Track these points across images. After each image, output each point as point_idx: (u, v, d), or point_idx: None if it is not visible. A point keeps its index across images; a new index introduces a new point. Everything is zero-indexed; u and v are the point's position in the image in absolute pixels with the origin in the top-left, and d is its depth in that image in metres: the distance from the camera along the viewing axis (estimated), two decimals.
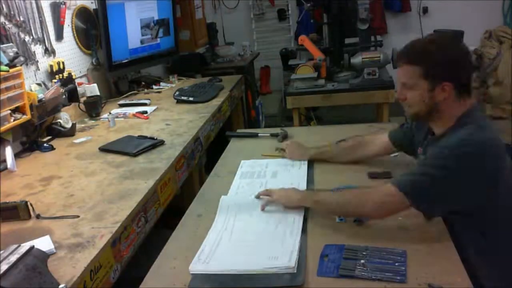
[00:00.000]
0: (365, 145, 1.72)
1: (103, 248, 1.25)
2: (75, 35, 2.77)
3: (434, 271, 1.07)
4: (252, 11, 5.68)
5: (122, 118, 2.59)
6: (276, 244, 1.25)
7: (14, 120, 1.97)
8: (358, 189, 1.37)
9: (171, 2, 3.52)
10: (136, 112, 2.63)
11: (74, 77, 2.55)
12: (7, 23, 2.18)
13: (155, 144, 2.03)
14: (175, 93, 2.89)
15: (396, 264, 1.11)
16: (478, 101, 1.37)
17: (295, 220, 1.35)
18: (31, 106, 2.07)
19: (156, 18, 3.34)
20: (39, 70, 2.38)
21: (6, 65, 1.96)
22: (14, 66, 2.01)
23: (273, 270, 1.13)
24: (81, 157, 2.01)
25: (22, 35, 2.27)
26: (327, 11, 3.20)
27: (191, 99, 2.80)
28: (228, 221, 1.39)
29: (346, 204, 1.31)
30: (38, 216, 1.45)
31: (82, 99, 2.65)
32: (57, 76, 2.44)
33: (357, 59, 2.79)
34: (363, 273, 1.08)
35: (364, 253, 1.16)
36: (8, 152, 1.93)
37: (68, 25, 2.71)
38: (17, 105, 2.00)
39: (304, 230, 1.30)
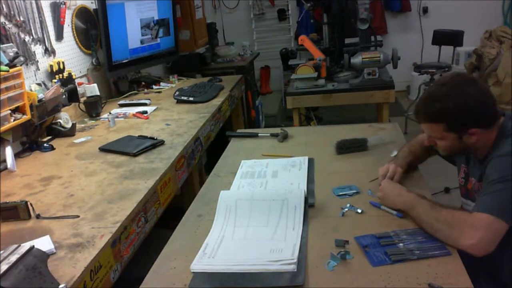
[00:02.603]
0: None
1: (103, 248, 1.25)
2: (75, 35, 2.77)
3: (434, 271, 1.07)
4: (252, 11, 5.68)
5: (122, 118, 2.59)
6: (278, 237, 1.26)
7: (14, 120, 1.97)
8: (452, 213, 1.22)
9: (171, 2, 3.52)
10: (136, 112, 2.63)
11: (74, 77, 2.55)
12: (7, 23, 2.18)
13: (155, 144, 2.03)
14: (175, 93, 2.89)
15: (434, 240, 1.18)
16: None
17: (296, 213, 1.35)
18: (31, 106, 2.07)
19: (156, 18, 3.34)
20: (39, 70, 2.38)
21: (6, 65, 1.96)
22: (14, 66, 2.01)
23: (275, 267, 1.13)
24: (81, 157, 2.01)
25: (22, 35, 2.27)
26: (327, 11, 3.20)
27: (191, 99, 2.80)
28: (229, 218, 1.39)
29: (438, 231, 1.20)
30: (38, 216, 1.45)
31: (82, 99, 2.65)
32: (57, 76, 2.44)
33: (357, 59, 2.79)
34: (413, 256, 1.12)
35: (395, 237, 1.20)
36: (8, 152, 1.93)
37: (68, 25, 2.71)
38: (17, 105, 2.00)
39: (304, 225, 1.31)
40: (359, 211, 1.37)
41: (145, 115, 2.59)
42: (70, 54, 2.70)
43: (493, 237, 1.13)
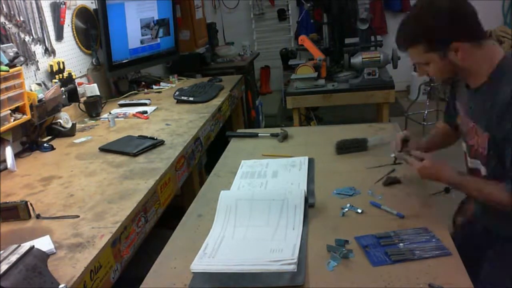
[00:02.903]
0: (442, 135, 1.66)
1: (103, 248, 1.25)
2: (75, 35, 2.77)
3: (434, 271, 1.07)
4: (252, 11, 5.68)
5: (122, 118, 2.59)
6: (278, 237, 1.26)
7: (14, 120, 1.97)
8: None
9: (171, 2, 3.52)
10: (136, 112, 2.63)
11: (74, 77, 2.55)
12: (7, 23, 2.18)
13: (155, 144, 2.03)
14: (175, 93, 2.89)
15: (433, 240, 1.18)
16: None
17: (296, 213, 1.35)
18: (31, 106, 2.07)
19: (156, 18, 3.34)
20: (39, 70, 2.39)
21: (6, 65, 1.96)
22: (14, 66, 2.01)
23: (275, 267, 1.13)
24: (81, 157, 2.01)
25: (22, 35, 2.27)
26: (327, 11, 3.20)
27: (191, 99, 2.80)
28: (229, 217, 1.39)
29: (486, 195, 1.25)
30: (38, 216, 1.45)
31: (82, 99, 2.65)
32: (57, 76, 2.44)
33: (357, 59, 2.79)
34: (413, 256, 1.13)
35: (395, 237, 1.20)
36: (8, 152, 1.93)
37: (68, 25, 2.71)
38: (17, 105, 2.00)
39: (304, 225, 1.31)
40: (359, 211, 1.37)
41: (145, 115, 2.59)
42: (70, 54, 2.70)
43: None
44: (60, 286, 1.06)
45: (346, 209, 1.39)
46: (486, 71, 1.25)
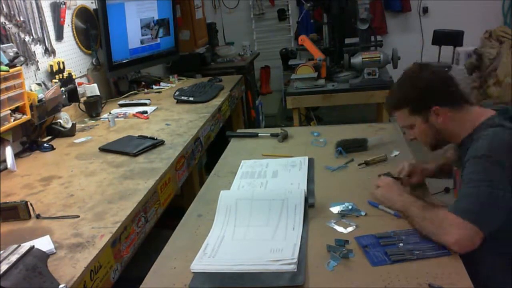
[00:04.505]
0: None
1: (103, 248, 1.25)
2: (75, 35, 2.77)
3: (434, 271, 1.07)
4: (252, 11, 5.68)
5: (122, 118, 2.59)
6: (278, 237, 1.26)
7: (14, 120, 1.97)
8: (437, 212, 1.23)
9: (171, 2, 3.52)
10: (136, 112, 2.63)
11: (74, 77, 2.55)
12: (7, 23, 2.18)
13: (155, 144, 2.03)
14: (175, 93, 2.89)
15: (433, 241, 1.17)
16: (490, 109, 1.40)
17: (296, 213, 1.35)
18: (31, 106, 2.07)
19: (156, 18, 3.34)
20: (39, 70, 2.38)
21: (6, 65, 1.96)
22: (14, 66, 2.01)
23: (275, 267, 1.13)
24: (81, 157, 2.01)
25: (22, 35, 2.27)
26: (327, 11, 3.20)
27: (191, 99, 2.80)
28: (229, 217, 1.39)
29: (424, 229, 1.22)
30: (38, 216, 1.45)
31: (82, 99, 2.65)
32: (57, 76, 2.44)
33: (357, 59, 2.79)
34: (413, 256, 1.12)
35: (395, 237, 1.20)
36: (8, 152, 1.93)
37: (68, 25, 2.71)
38: (17, 105, 2.00)
39: (304, 225, 1.31)
40: (362, 213, 1.36)
41: (145, 115, 2.59)
42: (70, 54, 2.70)
43: (470, 237, 1.13)
44: (60, 286, 1.06)
45: (346, 214, 1.37)
46: (467, 131, 1.35)
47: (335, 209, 1.40)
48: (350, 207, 1.40)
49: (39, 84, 2.31)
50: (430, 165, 1.63)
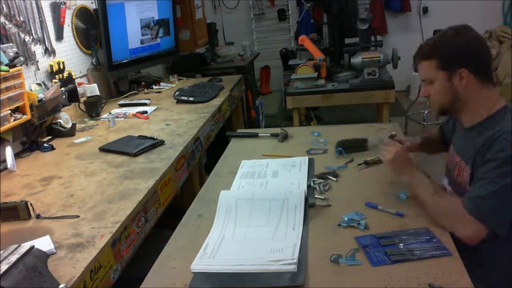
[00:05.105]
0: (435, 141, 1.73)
1: (103, 248, 1.25)
2: (75, 35, 2.77)
3: (434, 271, 1.07)
4: (252, 11, 5.68)
5: (122, 118, 2.59)
6: (279, 237, 1.27)
7: (14, 120, 1.97)
8: (450, 202, 1.29)
9: (171, 2, 3.52)
10: (136, 112, 2.63)
11: (74, 77, 2.55)
12: (7, 23, 2.18)
13: (155, 144, 2.03)
14: (175, 93, 2.89)
15: (433, 240, 1.18)
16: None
17: (296, 213, 1.35)
18: (31, 106, 2.07)
19: (156, 18, 3.34)
20: (39, 70, 2.38)
21: (6, 65, 1.96)
22: (14, 66, 2.01)
23: (275, 267, 1.13)
24: (81, 157, 2.01)
25: (22, 35, 2.27)
26: (327, 11, 3.20)
27: (191, 99, 2.80)
28: (230, 217, 1.39)
29: (437, 217, 1.28)
30: (38, 216, 1.45)
31: (82, 99, 2.65)
32: (57, 76, 2.44)
33: (357, 59, 2.79)
34: (413, 256, 1.13)
35: (395, 237, 1.20)
36: (8, 152, 1.93)
37: (68, 25, 2.71)
38: (17, 105, 1.99)
39: (304, 225, 1.31)
40: (363, 223, 1.33)
41: (145, 115, 2.59)
42: (70, 54, 2.70)
43: (482, 234, 1.21)
44: (60, 286, 1.06)
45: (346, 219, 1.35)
46: (483, 112, 1.34)
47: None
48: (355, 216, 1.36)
49: (39, 84, 2.31)
50: (415, 140, 1.68)
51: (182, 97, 2.83)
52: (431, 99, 1.42)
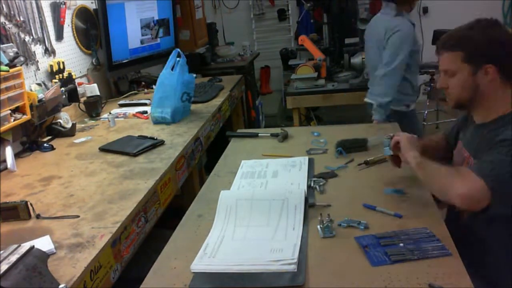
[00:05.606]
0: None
1: (103, 248, 1.25)
2: (75, 35, 2.77)
3: (434, 271, 1.07)
4: (252, 11, 5.68)
5: (122, 118, 2.59)
6: (278, 237, 1.27)
7: (14, 120, 1.97)
8: (451, 167, 1.30)
9: (171, 2, 3.52)
10: (136, 112, 2.63)
11: (74, 77, 2.55)
12: (7, 23, 2.18)
13: (155, 144, 2.03)
14: None
15: (434, 240, 1.18)
16: None
17: (296, 213, 1.35)
18: (31, 106, 2.07)
19: (156, 18, 3.34)
20: (39, 70, 2.38)
21: (6, 65, 1.96)
22: (14, 66, 2.01)
23: (275, 267, 1.13)
24: (81, 157, 2.01)
25: (22, 35, 2.27)
26: (327, 11, 3.20)
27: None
28: (230, 217, 1.39)
29: (434, 183, 1.30)
30: (38, 216, 1.45)
31: (82, 99, 2.65)
32: (57, 76, 2.44)
33: (357, 59, 2.80)
34: (413, 256, 1.12)
35: (395, 237, 1.20)
36: (8, 152, 1.93)
37: (68, 25, 2.71)
38: (17, 105, 2.00)
39: (304, 225, 1.31)
40: (362, 227, 1.30)
41: (145, 115, 2.59)
42: (70, 54, 2.70)
43: (480, 197, 1.17)
44: (60, 286, 1.06)
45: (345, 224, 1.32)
46: (499, 111, 1.31)
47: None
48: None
49: (39, 84, 2.31)
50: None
51: None
52: (449, 92, 1.38)
